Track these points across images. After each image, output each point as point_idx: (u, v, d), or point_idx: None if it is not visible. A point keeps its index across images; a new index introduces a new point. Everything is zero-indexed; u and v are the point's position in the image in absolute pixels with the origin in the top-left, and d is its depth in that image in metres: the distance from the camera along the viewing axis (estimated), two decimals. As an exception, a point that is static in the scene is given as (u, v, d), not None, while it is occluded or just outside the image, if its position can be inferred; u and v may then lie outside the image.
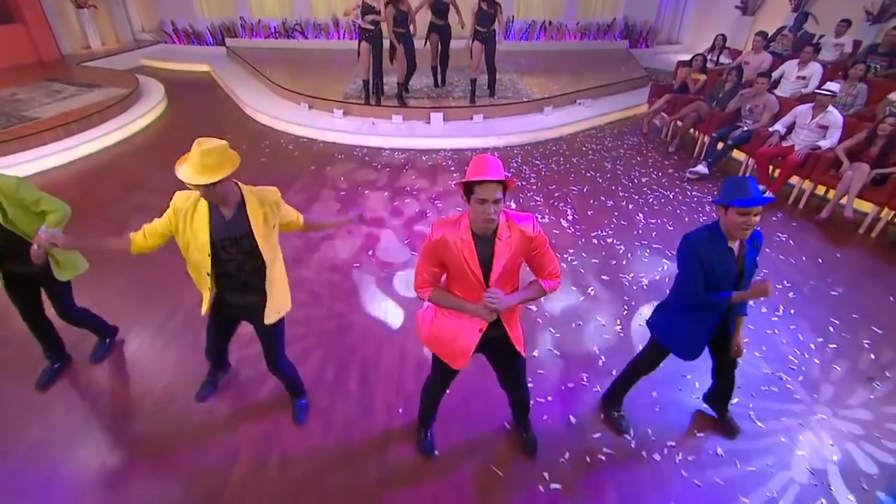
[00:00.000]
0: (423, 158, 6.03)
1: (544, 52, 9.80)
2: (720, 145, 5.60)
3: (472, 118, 6.63)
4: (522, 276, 2.00)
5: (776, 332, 3.40)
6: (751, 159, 5.42)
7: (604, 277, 3.91)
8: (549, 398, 2.88)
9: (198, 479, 2.40)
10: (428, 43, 7.00)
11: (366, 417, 2.73)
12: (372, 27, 6.18)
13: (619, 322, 3.45)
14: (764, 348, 3.26)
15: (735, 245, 2.10)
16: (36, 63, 8.94)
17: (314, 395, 2.83)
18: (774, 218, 4.84)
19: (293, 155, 6.16)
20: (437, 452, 2.53)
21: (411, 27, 6.41)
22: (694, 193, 5.26)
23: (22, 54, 8.80)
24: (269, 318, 2.25)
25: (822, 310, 3.61)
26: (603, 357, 3.17)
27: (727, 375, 2.56)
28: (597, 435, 2.66)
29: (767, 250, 4.31)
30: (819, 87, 4.90)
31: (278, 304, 2.27)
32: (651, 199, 5.10)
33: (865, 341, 3.34)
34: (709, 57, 7.18)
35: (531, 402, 2.55)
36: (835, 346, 3.29)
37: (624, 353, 3.18)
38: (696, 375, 2.99)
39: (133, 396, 2.84)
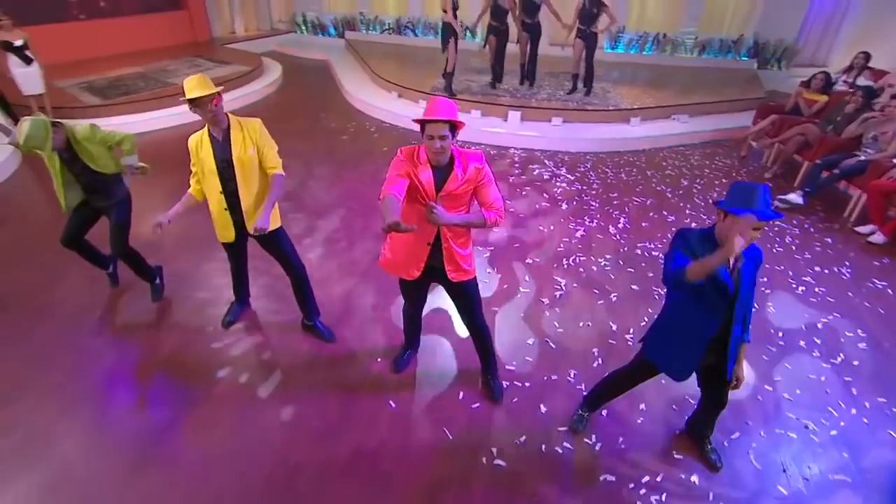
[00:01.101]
0: (491, 153, 6.18)
1: (653, 66, 9.35)
2: (825, 174, 4.95)
3: (551, 120, 6.64)
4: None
5: (822, 378, 2.99)
6: (863, 195, 4.71)
7: (634, 287, 3.73)
8: (528, 384, 2.87)
9: (203, 370, 2.88)
10: (518, 41, 7.20)
11: (351, 355, 2.99)
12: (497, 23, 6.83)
13: (631, 331, 3.28)
14: (798, 391, 2.88)
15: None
16: (191, 43, 10.78)
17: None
18: (877, 263, 4.18)
19: (372, 137, 6.72)
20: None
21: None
22: (776, 224, 4.72)
23: (182, 35, 10.69)
24: (262, 225, 2.65)
25: (898, 370, 3.07)
26: (600, 359, 3.06)
27: (715, 403, 2.35)
28: (562, 429, 2.60)
29: (850, 294, 3.76)
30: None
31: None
32: (723, 222, 4.68)
33: (947, 416, 2.78)
34: (843, 78, 6.36)
35: (498, 362, 2.78)
36: (899, 410, 2.80)
37: (624, 360, 3.03)
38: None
39: (169, 305, 3.44)
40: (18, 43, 5.89)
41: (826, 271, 4.05)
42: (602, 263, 4.01)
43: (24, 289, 3.54)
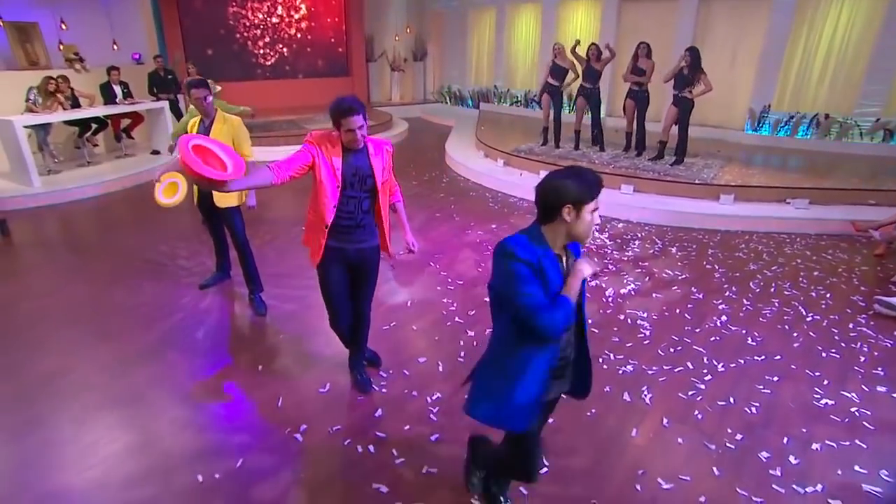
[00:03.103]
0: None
1: (807, 152, 8.28)
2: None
3: (620, 188, 6.51)
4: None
5: None
6: None
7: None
8: (385, 390, 2.98)
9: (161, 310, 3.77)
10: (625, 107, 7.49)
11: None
12: (556, 83, 7.65)
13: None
14: None
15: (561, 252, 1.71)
16: (350, 105, 13.54)
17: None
18: None
19: (442, 185, 7.52)
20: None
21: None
22: (860, 329, 3.78)
23: (344, 97, 13.56)
24: (217, 202, 3.62)
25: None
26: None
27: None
28: (381, 434, 2.64)
29: None
30: None
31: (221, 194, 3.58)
32: (768, 312, 3.99)
33: None
34: None
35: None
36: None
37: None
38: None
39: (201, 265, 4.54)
40: (195, 85, 8.55)
41: (886, 390, 3.13)
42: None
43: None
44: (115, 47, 8.56)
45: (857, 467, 2.56)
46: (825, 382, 3.20)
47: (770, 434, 2.76)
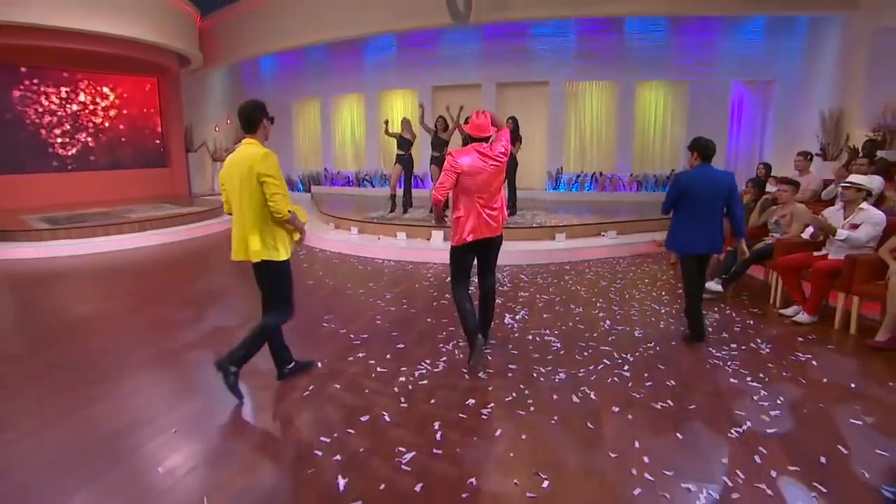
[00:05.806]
0: (408, 268, 6.23)
1: (595, 201, 10.08)
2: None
3: (474, 238, 6.87)
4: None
5: (718, 446, 2.46)
6: (779, 278, 4.59)
7: (511, 366, 3.37)
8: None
9: None
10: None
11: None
12: (402, 152, 7.82)
13: (470, 402, 2.84)
14: (685, 460, 2.34)
15: None
16: (169, 195, 11.78)
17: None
18: (801, 338, 3.87)
19: (301, 257, 6.93)
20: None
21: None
22: (697, 310, 4.49)
23: (163, 189, 11.80)
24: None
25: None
26: (392, 415, 2.57)
27: None
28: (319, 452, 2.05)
29: (769, 365, 3.39)
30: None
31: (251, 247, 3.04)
32: (634, 312, 4.48)
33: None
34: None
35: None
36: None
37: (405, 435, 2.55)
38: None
39: None
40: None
41: (743, 347, 3.71)
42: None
43: None
44: None
45: (777, 400, 2.90)
46: (710, 349, 3.66)
47: (697, 394, 2.99)
